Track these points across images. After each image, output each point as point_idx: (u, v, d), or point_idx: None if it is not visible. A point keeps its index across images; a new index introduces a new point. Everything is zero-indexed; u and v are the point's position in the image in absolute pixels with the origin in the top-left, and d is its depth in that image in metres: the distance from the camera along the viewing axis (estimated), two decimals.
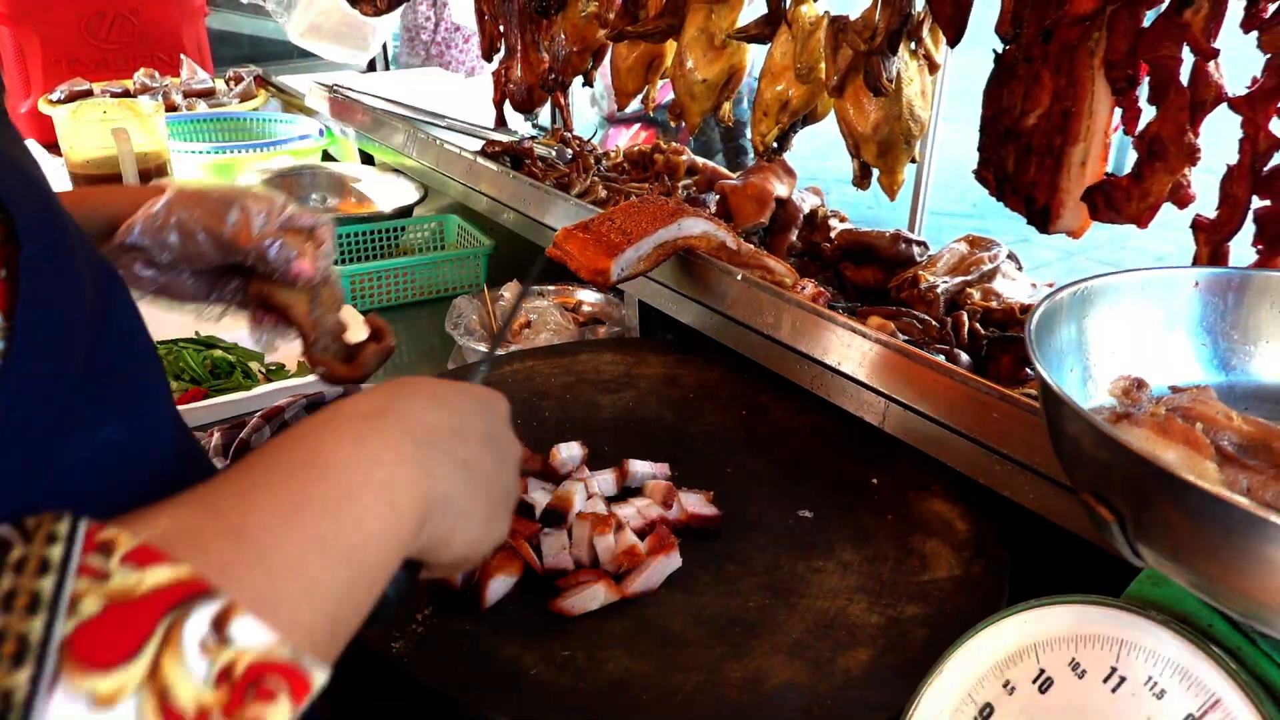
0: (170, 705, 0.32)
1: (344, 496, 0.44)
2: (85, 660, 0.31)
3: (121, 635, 0.32)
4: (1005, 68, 1.17)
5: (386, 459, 0.47)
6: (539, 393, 1.07)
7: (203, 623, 0.34)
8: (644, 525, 0.81)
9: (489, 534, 0.54)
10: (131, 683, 0.32)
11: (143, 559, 0.34)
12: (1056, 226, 1.12)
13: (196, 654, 0.33)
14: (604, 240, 1.06)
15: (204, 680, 0.33)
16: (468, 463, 0.52)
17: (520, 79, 1.98)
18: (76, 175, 1.61)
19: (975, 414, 0.84)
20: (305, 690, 0.36)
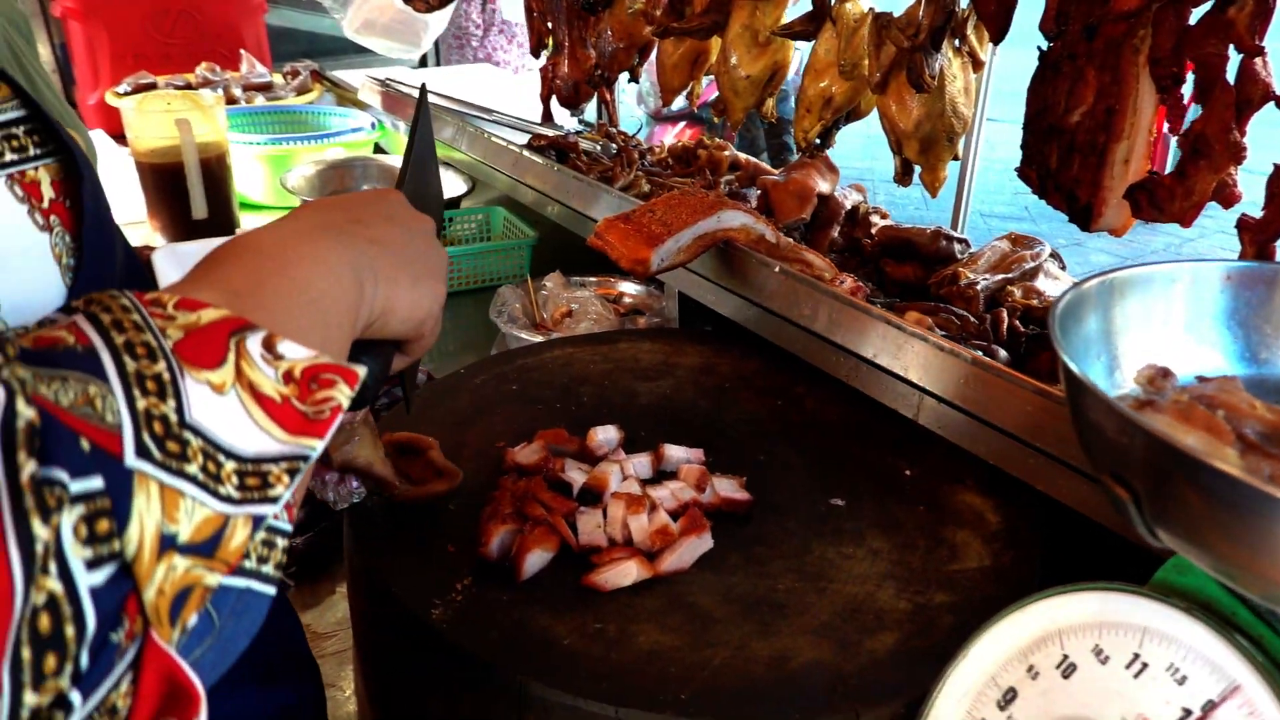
0: (260, 393, 0.41)
1: (287, 264, 0.51)
2: (193, 362, 0.40)
3: (207, 348, 0.40)
4: (1049, 65, 1.17)
5: (305, 239, 0.54)
6: (578, 378, 1.09)
7: (257, 343, 0.42)
8: (677, 507, 0.83)
9: (424, 294, 0.61)
10: (228, 379, 0.40)
11: (190, 306, 0.42)
12: (1099, 224, 1.12)
13: (263, 363, 0.42)
14: (644, 231, 1.09)
15: (275, 379, 0.42)
16: (375, 239, 0.58)
17: (567, 75, 2.01)
18: (141, 164, 1.68)
19: (1011, 408, 0.85)
20: (354, 379, 0.44)
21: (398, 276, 0.58)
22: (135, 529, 0.35)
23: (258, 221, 2.07)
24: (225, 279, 0.48)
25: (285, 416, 0.42)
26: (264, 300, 0.48)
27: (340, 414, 0.43)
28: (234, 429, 0.40)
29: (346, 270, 0.54)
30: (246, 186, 2.00)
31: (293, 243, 0.53)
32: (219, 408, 0.40)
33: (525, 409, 1.02)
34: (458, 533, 0.81)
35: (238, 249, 0.51)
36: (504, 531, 0.77)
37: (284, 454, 0.41)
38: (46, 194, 0.47)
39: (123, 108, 1.72)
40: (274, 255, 0.51)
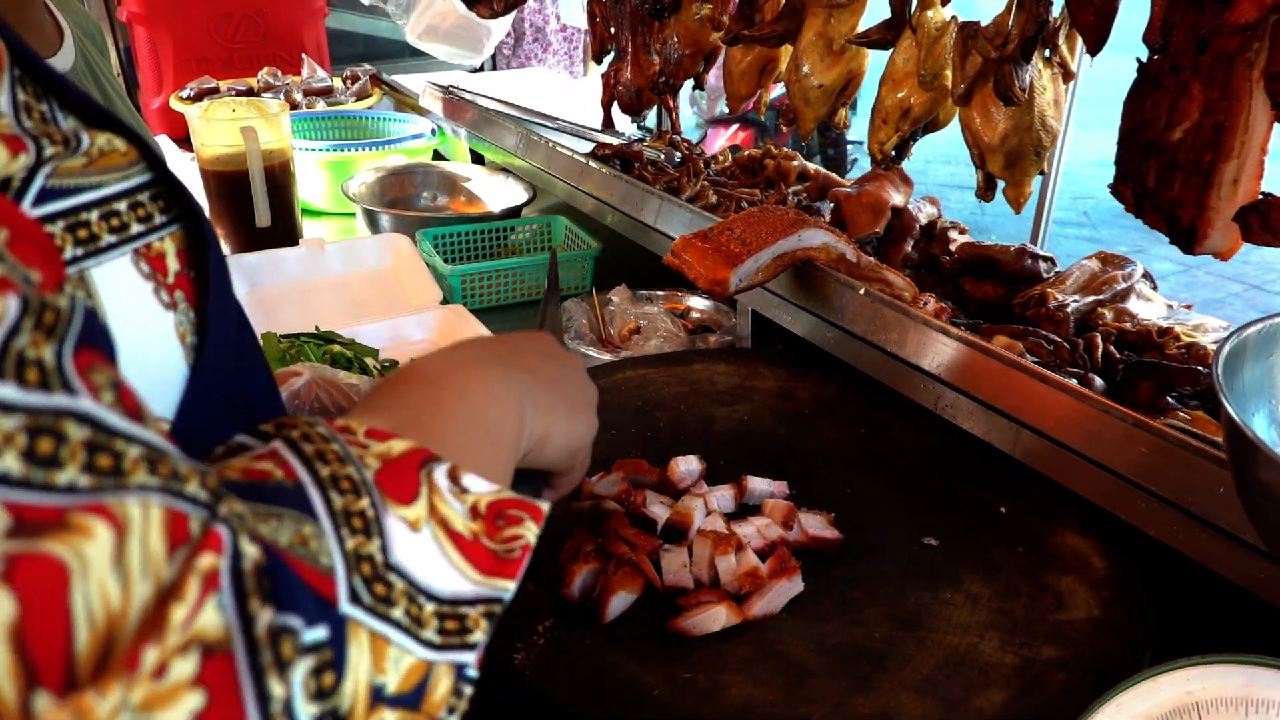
0: (452, 530, 0.40)
1: (461, 394, 0.50)
2: (392, 495, 0.39)
3: (403, 481, 0.39)
4: (1150, 78, 1.11)
5: (473, 368, 0.54)
6: (653, 402, 1.06)
7: (444, 476, 0.41)
8: (764, 546, 0.79)
9: (578, 425, 0.62)
10: (423, 515, 0.39)
11: (380, 436, 0.41)
12: (1203, 247, 1.06)
13: (452, 498, 0.41)
14: (723, 250, 1.05)
15: (463, 514, 0.41)
16: (533, 370, 0.59)
17: (630, 81, 1.98)
18: (206, 171, 1.68)
19: (1117, 445, 0.80)
20: (541, 516, 0.43)
21: (555, 406, 0.58)
22: (350, 681, 0.33)
23: (319, 227, 2.08)
24: (402, 407, 0.48)
25: (477, 555, 0.40)
26: (444, 431, 0.47)
27: (529, 553, 0.41)
28: (431, 569, 0.38)
29: (512, 400, 0.54)
30: (308, 193, 2.00)
31: (464, 372, 0.52)
32: (417, 546, 0.38)
33: (600, 435, 0.98)
34: (536, 569, 0.78)
35: (411, 377, 0.51)
36: (586, 571, 0.74)
37: (479, 596, 0.39)
38: (172, 267, 0.43)
39: (188, 115, 1.73)
40: (448, 385, 0.51)
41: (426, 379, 0.51)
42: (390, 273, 1.63)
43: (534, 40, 4.02)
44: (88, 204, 0.40)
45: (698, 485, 0.87)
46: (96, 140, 0.41)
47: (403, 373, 0.53)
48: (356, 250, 1.62)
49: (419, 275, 1.54)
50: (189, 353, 0.42)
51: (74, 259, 0.38)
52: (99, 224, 0.40)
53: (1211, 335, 1.18)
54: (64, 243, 0.38)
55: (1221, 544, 0.74)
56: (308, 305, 1.52)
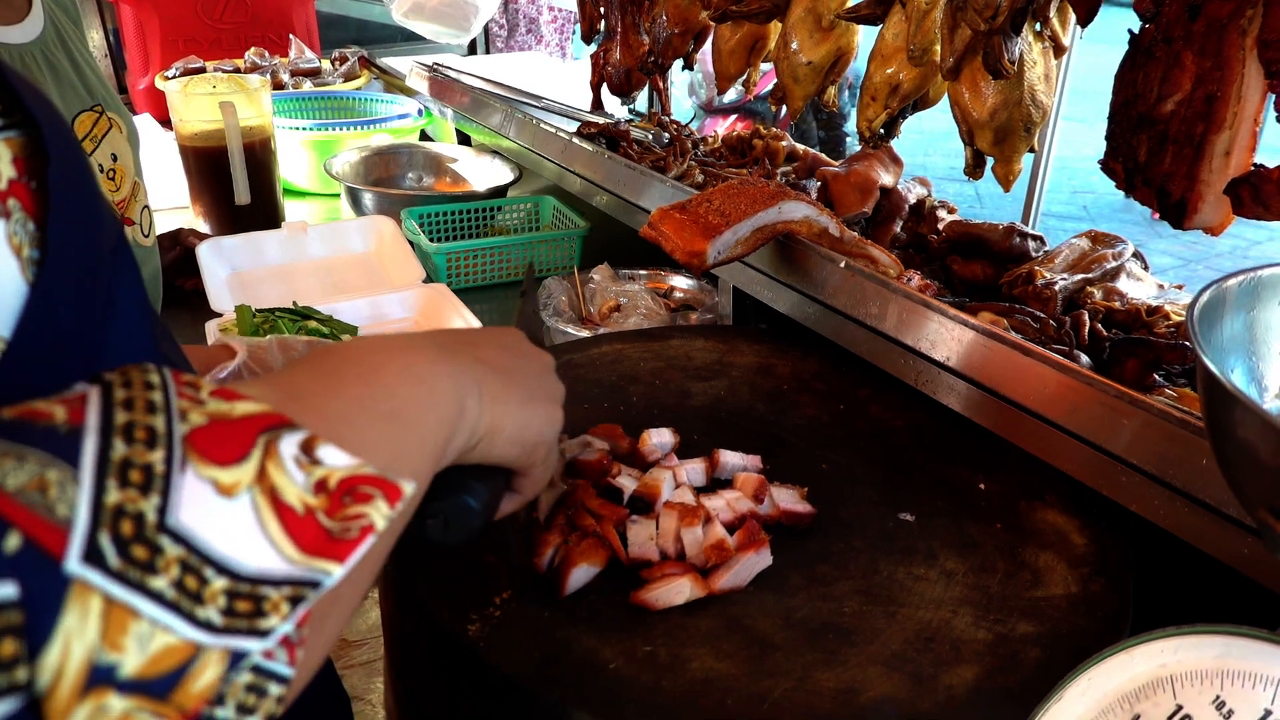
0: (280, 502, 0.36)
1: (370, 371, 0.47)
2: (205, 454, 0.35)
3: (229, 441, 0.36)
4: (1141, 49, 1.08)
5: (401, 351, 0.51)
6: (627, 376, 1.03)
7: (293, 444, 0.37)
8: (734, 519, 0.77)
9: (535, 415, 0.58)
10: (245, 479, 0.35)
11: (227, 396, 0.37)
12: (1193, 222, 1.03)
13: (294, 467, 0.37)
14: (701, 221, 1.02)
15: (304, 487, 0.37)
16: (484, 359, 0.56)
17: (619, 62, 1.95)
18: (185, 147, 1.65)
19: (1102, 420, 0.77)
20: (398, 495, 0.39)
21: (507, 396, 0.56)
22: (56, 654, 0.28)
23: (302, 208, 2.05)
24: (294, 380, 0.45)
25: (304, 531, 0.36)
26: (326, 403, 0.44)
27: (371, 535, 0.37)
28: (236, 539, 0.34)
29: (445, 383, 0.51)
30: (291, 172, 1.98)
31: (387, 352, 0.49)
32: (221, 512, 0.34)
33: (571, 409, 0.94)
34: (497, 541, 0.76)
35: (323, 353, 0.48)
36: (557, 543, 0.72)
37: (290, 576, 0.35)
38: (4, 174, 0.38)
39: (167, 90, 1.70)
40: (360, 361, 0.48)
41: (338, 356, 0.48)
42: (374, 256, 1.60)
43: (527, 31, 3.99)
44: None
45: (669, 458, 0.84)
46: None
47: (319, 349, 0.50)
48: (340, 233, 1.60)
49: (403, 258, 1.52)
50: (26, 266, 0.38)
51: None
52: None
53: None
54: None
55: (1206, 520, 0.71)
56: (289, 288, 1.50)
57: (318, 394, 0.44)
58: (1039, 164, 1.74)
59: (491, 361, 0.57)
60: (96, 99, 1.18)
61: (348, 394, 0.45)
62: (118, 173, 1.26)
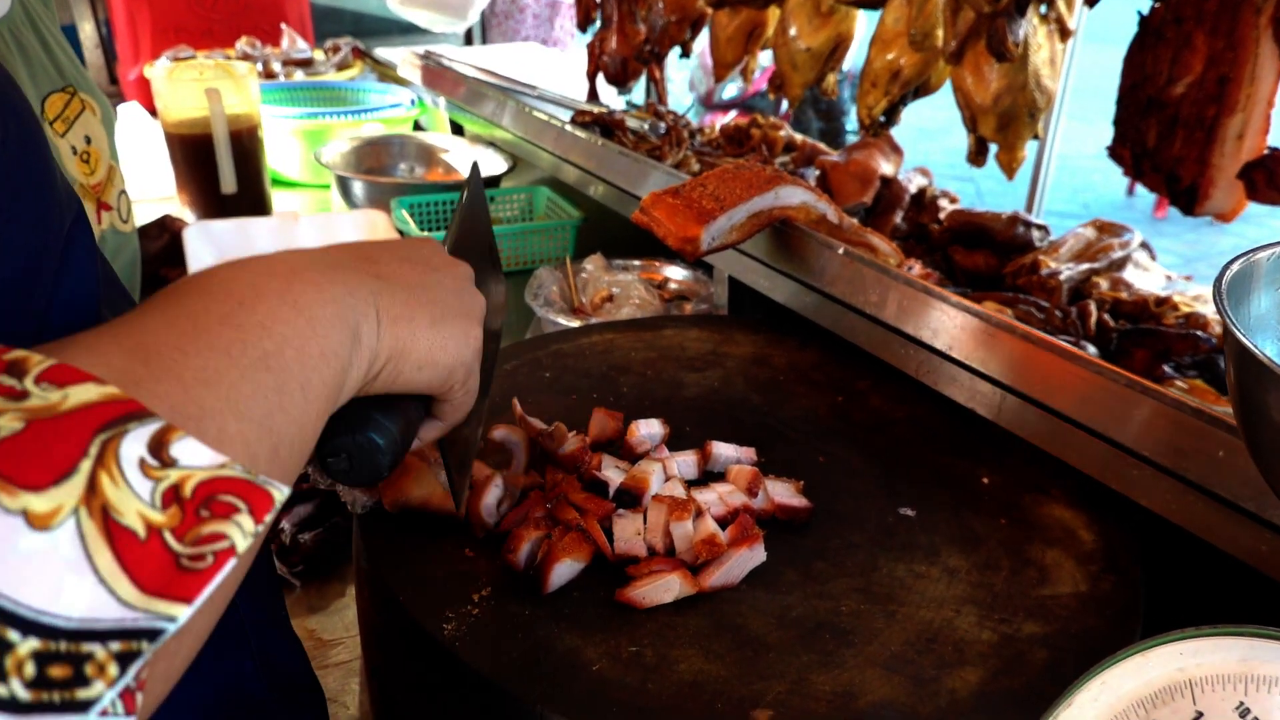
0: (115, 525, 0.29)
1: (239, 306, 0.40)
2: (13, 478, 0.28)
3: (50, 453, 0.29)
4: (1151, 30, 1.05)
5: (282, 272, 0.43)
6: (618, 366, 1.00)
7: (139, 443, 0.31)
8: (726, 513, 0.73)
9: (448, 336, 0.51)
10: (69, 501, 0.28)
11: (61, 377, 0.30)
12: (1204, 208, 1.00)
13: (137, 474, 0.30)
14: (695, 206, 0.99)
15: (149, 501, 0.30)
16: (383, 275, 0.50)
17: (615, 51, 1.92)
18: (171, 135, 1.62)
19: (1112, 410, 0.74)
20: (267, 506, 0.33)
21: (412, 315, 0.49)
22: None
23: (291, 199, 2.02)
24: (146, 331, 0.36)
25: (144, 562, 0.29)
26: (184, 361, 0.35)
27: (230, 561, 0.31)
28: (50, 584, 0.27)
29: (330, 310, 0.43)
30: (281, 162, 1.94)
31: (256, 279, 0.42)
32: (32, 550, 0.27)
33: (559, 399, 0.93)
34: (476, 535, 0.72)
35: (183, 285, 0.41)
36: (535, 537, 0.68)
37: (122, 625, 0.28)
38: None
39: (152, 77, 1.66)
40: (223, 296, 0.40)
41: (198, 286, 0.40)
42: None
43: (517, 16, 3.95)
44: None
45: (658, 450, 0.81)
46: None
47: (179, 281, 0.41)
48: (332, 225, 1.56)
49: None
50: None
51: None
52: None
53: (1213, 306, 1.12)
54: None
55: (1221, 515, 0.68)
56: None
57: (174, 350, 0.36)
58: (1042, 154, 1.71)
59: (393, 277, 0.50)
60: (68, 80, 1.15)
61: (212, 342, 0.37)
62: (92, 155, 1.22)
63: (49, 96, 1.13)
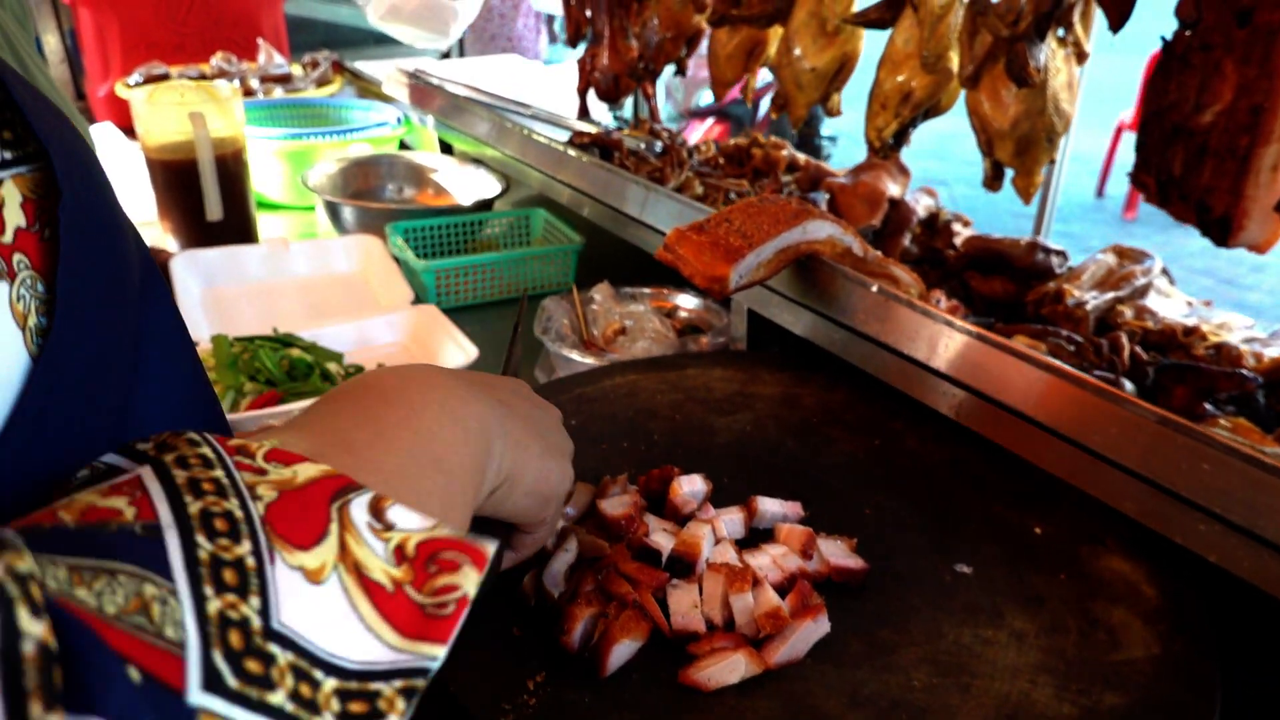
0: (368, 580, 0.33)
1: (412, 413, 0.44)
2: (288, 538, 0.31)
3: (306, 518, 0.32)
4: (1176, 56, 1.03)
5: (432, 385, 0.47)
6: (645, 411, 0.96)
7: (363, 509, 0.34)
8: (783, 579, 0.70)
9: (552, 468, 0.55)
10: (330, 559, 0.32)
11: (284, 458, 0.34)
12: (1239, 239, 0.98)
13: (371, 536, 0.34)
14: (721, 244, 0.95)
15: (386, 559, 0.33)
16: (504, 401, 0.53)
17: (607, 67, 1.88)
18: (152, 160, 1.55)
19: (1178, 464, 0.71)
20: (483, 559, 0.36)
21: (528, 442, 0.52)
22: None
23: (276, 221, 1.95)
24: (331, 423, 0.41)
25: (400, 612, 0.32)
26: (380, 457, 0.40)
27: (467, 608, 0.33)
28: (336, 632, 0.30)
29: (475, 425, 0.47)
30: (264, 184, 1.88)
31: (420, 386, 0.46)
32: (317, 603, 0.30)
33: (590, 448, 0.89)
34: (523, 609, 0.68)
35: (352, 389, 0.45)
36: (590, 615, 0.64)
37: (397, 666, 0.31)
38: (11, 221, 0.32)
39: (132, 99, 1.60)
40: (397, 401, 0.44)
41: (371, 391, 0.44)
42: (359, 275, 1.51)
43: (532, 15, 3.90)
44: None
45: (704, 508, 0.77)
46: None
47: (346, 384, 0.46)
48: (323, 251, 1.51)
49: (390, 277, 1.43)
50: (31, 338, 0.32)
51: None
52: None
53: (1238, 334, 1.11)
54: None
55: None
56: (269, 308, 1.41)
57: (368, 445, 0.40)
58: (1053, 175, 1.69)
59: (511, 405, 0.54)
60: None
61: (395, 444, 0.42)
62: None
63: None
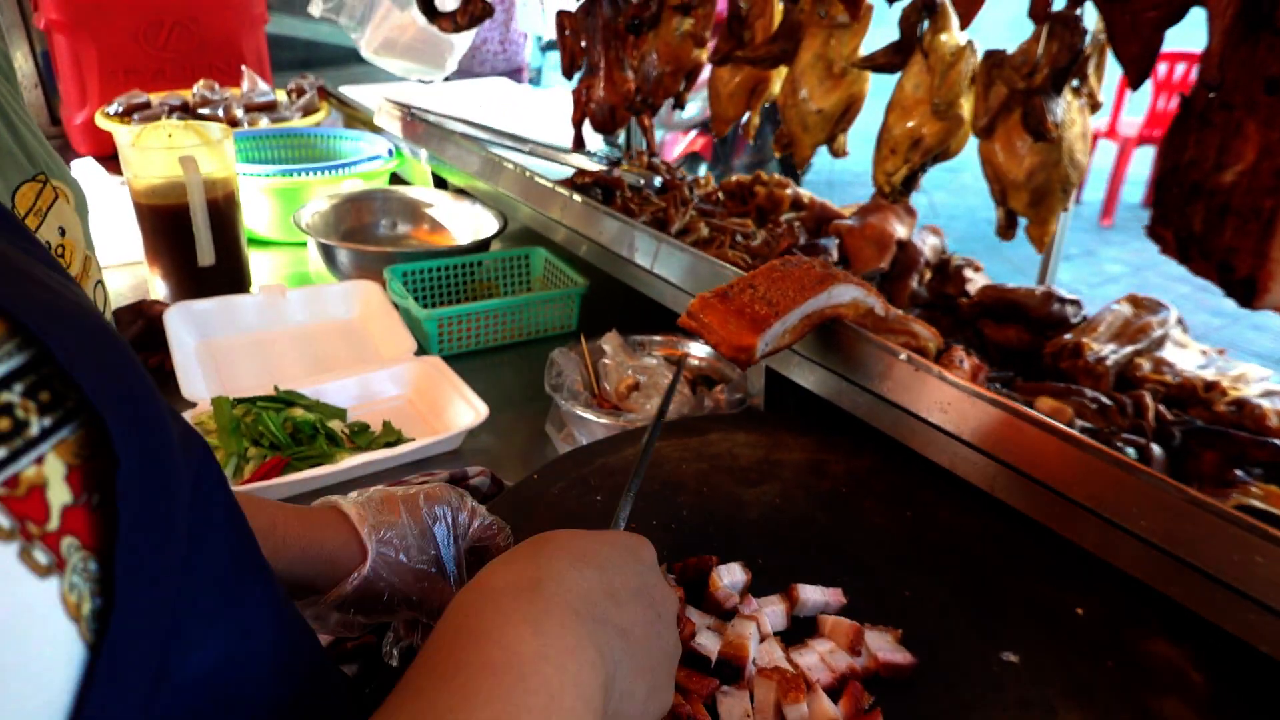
0: None
1: (551, 700, 0.41)
2: None
3: None
4: (1195, 114, 1.03)
5: (569, 645, 0.44)
6: (671, 484, 0.94)
7: None
8: (833, 681, 0.68)
9: (654, 708, 0.51)
10: None
11: None
12: (1264, 301, 0.97)
13: None
14: (747, 312, 0.94)
15: None
16: (626, 631, 0.49)
17: (603, 99, 1.85)
18: (141, 205, 1.51)
19: (1228, 553, 0.70)
20: None
21: (635, 689, 0.48)
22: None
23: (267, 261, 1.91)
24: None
25: None
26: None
27: None
28: None
29: (601, 692, 0.44)
30: (254, 221, 1.84)
31: (559, 660, 0.42)
32: None
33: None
34: None
35: (490, 641, 0.42)
36: None
37: None
38: (56, 501, 0.27)
39: (118, 140, 1.55)
40: (540, 683, 0.41)
41: (502, 656, 0.41)
42: (358, 322, 1.48)
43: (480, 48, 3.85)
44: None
45: (745, 601, 0.75)
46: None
47: (455, 637, 0.43)
48: (321, 298, 1.47)
49: (390, 325, 1.40)
50: (86, 626, 0.27)
51: None
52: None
53: (1256, 387, 1.11)
54: None
55: None
56: (267, 361, 1.37)
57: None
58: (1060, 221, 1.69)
59: (631, 631, 0.49)
60: (39, 167, 1.04)
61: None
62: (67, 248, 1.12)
63: (20, 188, 1.03)
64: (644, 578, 0.53)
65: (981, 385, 0.94)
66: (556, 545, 0.51)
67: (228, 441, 1.12)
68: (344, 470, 1.08)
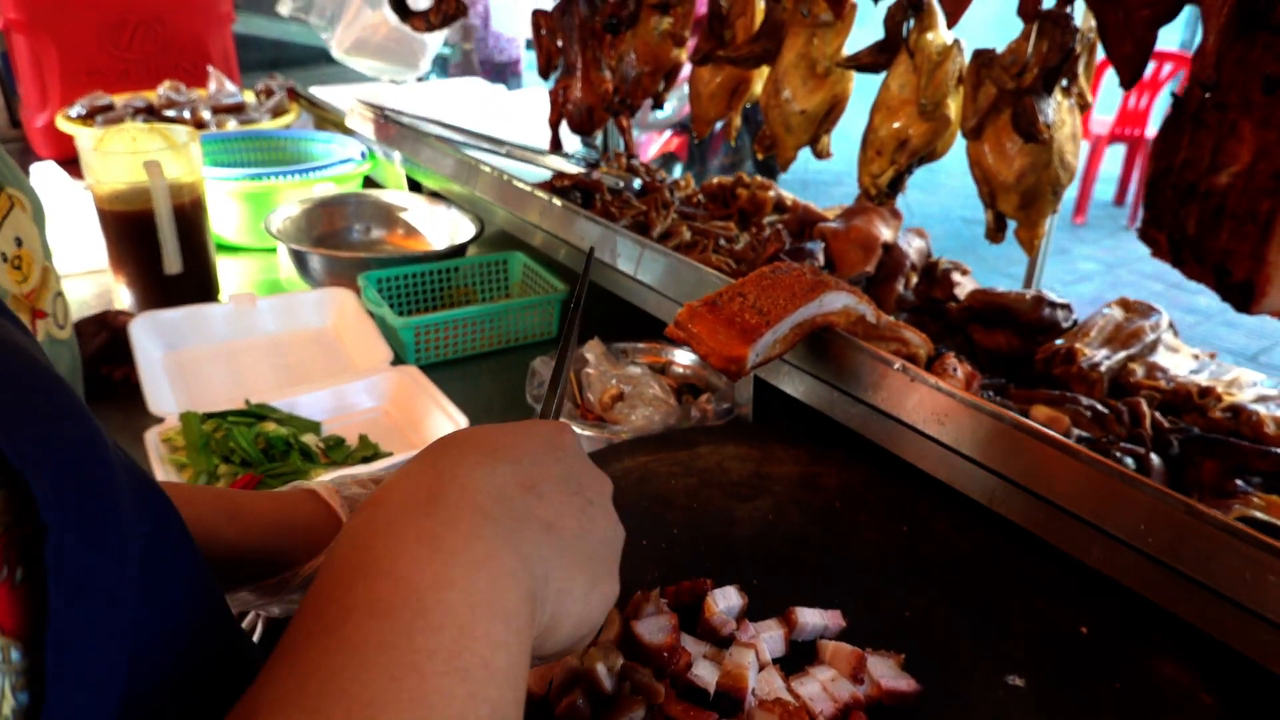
0: None
1: (460, 633, 0.35)
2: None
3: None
4: (1189, 115, 1.01)
5: (477, 559, 0.39)
6: (660, 500, 0.91)
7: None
8: (835, 711, 0.65)
9: (595, 603, 0.46)
10: None
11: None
12: (1262, 306, 0.96)
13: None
14: (737, 322, 0.91)
15: None
16: (552, 524, 0.45)
17: (580, 99, 1.82)
18: (104, 211, 1.45)
19: (1239, 572, 0.68)
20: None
21: (572, 583, 0.44)
22: None
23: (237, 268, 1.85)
24: (357, 680, 0.32)
25: None
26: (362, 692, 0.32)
27: None
28: None
29: (525, 603, 0.39)
30: (222, 226, 1.78)
31: (467, 580, 0.37)
32: None
33: None
34: None
35: (385, 570, 0.36)
36: None
37: None
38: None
39: (79, 144, 1.49)
40: (446, 615, 0.35)
41: (399, 588, 0.36)
42: (332, 331, 1.43)
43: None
44: None
45: (742, 627, 0.72)
46: None
47: (341, 566, 0.37)
48: (293, 306, 1.43)
49: (365, 334, 1.36)
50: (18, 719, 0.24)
51: None
52: None
53: (1249, 392, 1.09)
54: None
55: None
56: (237, 372, 1.32)
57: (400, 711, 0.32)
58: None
59: (559, 524, 0.45)
60: None
61: (436, 698, 0.33)
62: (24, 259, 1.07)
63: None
64: (567, 464, 0.49)
65: (976, 394, 0.92)
66: (460, 445, 0.46)
67: (197, 459, 1.07)
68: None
